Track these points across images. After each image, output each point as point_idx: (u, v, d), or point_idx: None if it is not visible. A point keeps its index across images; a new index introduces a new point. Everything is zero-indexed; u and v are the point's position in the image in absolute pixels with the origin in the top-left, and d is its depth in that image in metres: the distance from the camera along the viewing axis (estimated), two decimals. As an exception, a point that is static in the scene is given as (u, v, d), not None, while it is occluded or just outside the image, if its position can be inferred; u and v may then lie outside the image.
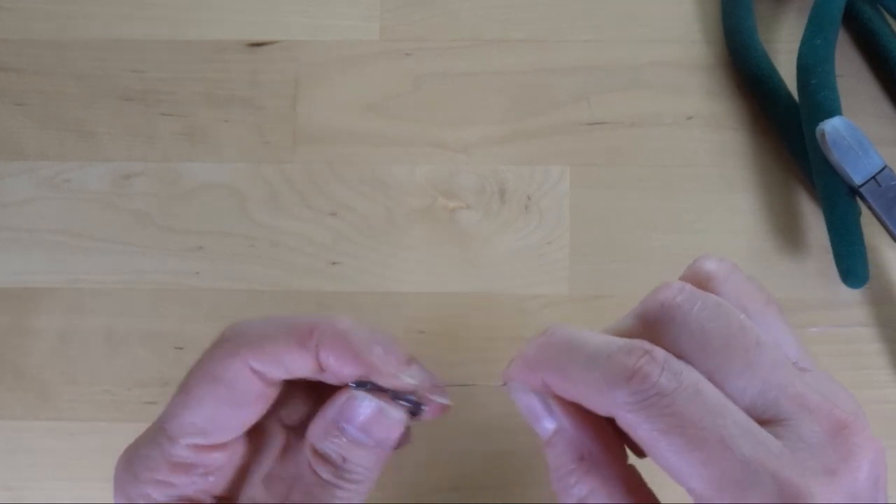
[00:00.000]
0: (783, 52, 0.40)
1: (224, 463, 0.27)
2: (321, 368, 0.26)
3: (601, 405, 0.22)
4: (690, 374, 0.21)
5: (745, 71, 0.39)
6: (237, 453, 0.28)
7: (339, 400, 0.27)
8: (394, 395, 0.27)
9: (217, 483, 0.27)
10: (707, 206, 0.39)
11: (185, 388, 0.27)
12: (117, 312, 0.39)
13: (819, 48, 0.37)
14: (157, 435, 0.26)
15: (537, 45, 0.41)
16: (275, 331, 0.26)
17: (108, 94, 0.41)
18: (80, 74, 0.41)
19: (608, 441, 0.24)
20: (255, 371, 0.26)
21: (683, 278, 0.26)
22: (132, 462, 0.27)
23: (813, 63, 0.37)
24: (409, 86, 0.41)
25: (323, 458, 0.26)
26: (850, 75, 0.40)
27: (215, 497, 0.27)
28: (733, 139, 0.39)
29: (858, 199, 0.36)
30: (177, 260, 0.39)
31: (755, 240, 0.38)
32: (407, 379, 0.27)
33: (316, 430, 0.27)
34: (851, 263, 0.35)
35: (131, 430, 0.38)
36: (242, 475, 0.28)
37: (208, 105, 0.41)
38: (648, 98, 0.40)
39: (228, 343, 0.27)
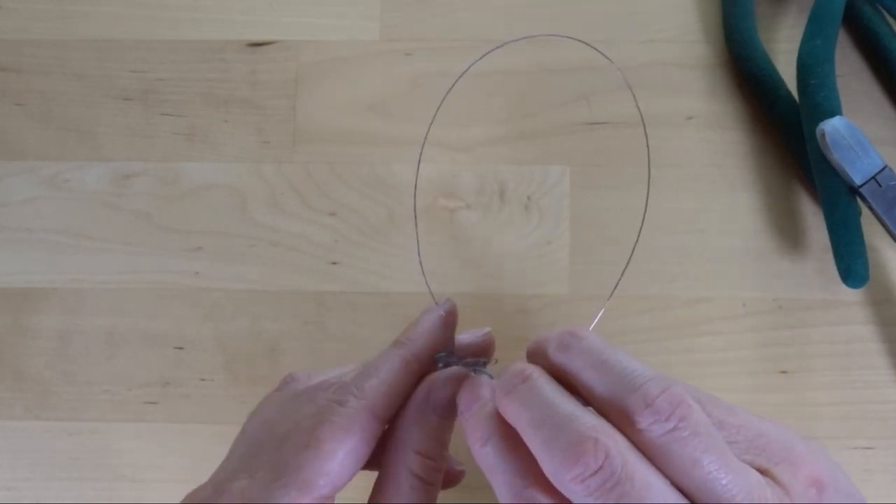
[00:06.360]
0: (783, 52, 0.40)
1: None
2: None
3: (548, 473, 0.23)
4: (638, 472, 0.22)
5: (745, 71, 0.39)
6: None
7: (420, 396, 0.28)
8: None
9: None
10: (707, 206, 0.39)
11: (315, 440, 0.26)
12: (117, 312, 0.39)
13: (819, 48, 0.37)
14: (283, 487, 0.25)
15: (537, 45, 0.41)
16: (381, 375, 0.28)
17: (108, 94, 0.41)
18: (80, 74, 0.41)
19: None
20: (377, 417, 0.27)
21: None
22: None
23: (813, 63, 0.37)
24: (409, 86, 0.41)
25: (425, 455, 0.27)
26: (850, 75, 0.40)
27: None
28: (733, 139, 0.39)
29: (858, 199, 0.36)
30: (177, 260, 0.39)
31: (755, 240, 0.38)
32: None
33: (415, 435, 0.27)
34: (851, 263, 0.35)
35: (131, 430, 0.38)
36: None
37: (208, 105, 0.41)
38: (648, 98, 0.40)
39: (349, 394, 0.27)
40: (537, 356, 0.26)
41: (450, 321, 0.30)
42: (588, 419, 0.22)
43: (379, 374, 0.28)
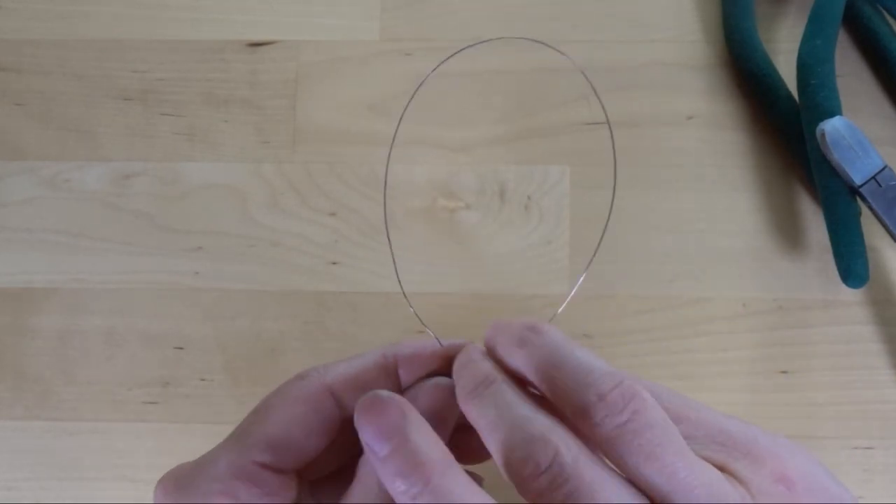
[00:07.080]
0: (783, 52, 0.40)
1: (279, 490, 0.27)
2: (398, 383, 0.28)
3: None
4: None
5: (745, 71, 0.39)
6: (290, 486, 0.27)
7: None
8: None
9: None
10: (707, 206, 0.39)
11: (264, 407, 0.27)
12: (117, 312, 0.39)
13: (819, 48, 0.37)
14: (226, 449, 0.26)
15: (537, 45, 0.41)
16: (353, 362, 0.28)
17: (108, 94, 0.41)
18: (80, 74, 0.41)
19: None
20: (333, 394, 0.27)
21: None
22: (190, 477, 0.26)
23: (813, 63, 0.37)
24: (409, 86, 0.41)
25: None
26: (850, 75, 0.40)
27: None
28: (733, 139, 0.39)
29: (858, 199, 0.36)
30: (177, 260, 0.39)
31: (755, 240, 0.38)
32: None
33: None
34: (851, 263, 0.35)
35: (131, 430, 0.38)
36: None
37: (208, 105, 0.41)
38: (648, 98, 0.40)
39: (315, 371, 0.28)
40: (495, 348, 0.26)
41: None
42: (541, 420, 0.23)
43: (351, 360, 0.28)
